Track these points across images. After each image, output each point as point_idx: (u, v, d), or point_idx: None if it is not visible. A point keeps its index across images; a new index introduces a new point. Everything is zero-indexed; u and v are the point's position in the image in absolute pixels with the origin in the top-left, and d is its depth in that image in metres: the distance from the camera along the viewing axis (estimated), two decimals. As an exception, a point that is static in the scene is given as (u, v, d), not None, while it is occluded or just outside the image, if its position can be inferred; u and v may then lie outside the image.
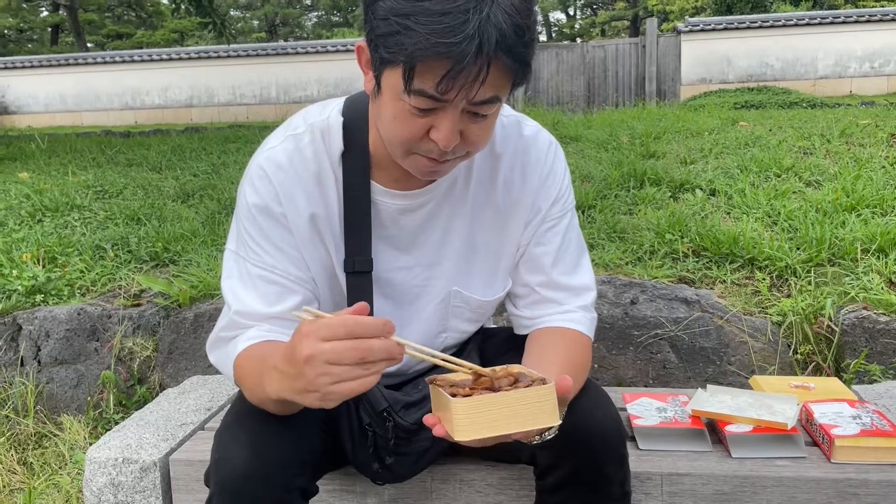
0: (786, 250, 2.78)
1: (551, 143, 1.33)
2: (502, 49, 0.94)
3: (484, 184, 1.29)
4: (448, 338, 1.39)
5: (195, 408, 1.81)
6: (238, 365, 1.16)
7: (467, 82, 0.96)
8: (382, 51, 0.98)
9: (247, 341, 1.16)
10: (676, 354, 2.41)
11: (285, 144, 1.22)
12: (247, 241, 1.21)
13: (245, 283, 1.20)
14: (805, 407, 1.61)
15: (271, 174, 1.20)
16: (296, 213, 1.20)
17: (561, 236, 1.32)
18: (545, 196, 1.30)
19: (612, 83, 15.11)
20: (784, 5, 18.72)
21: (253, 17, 35.85)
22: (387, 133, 1.09)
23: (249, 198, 1.20)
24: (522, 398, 0.92)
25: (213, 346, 1.25)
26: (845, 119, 5.65)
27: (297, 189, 1.20)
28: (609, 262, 2.85)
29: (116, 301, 2.89)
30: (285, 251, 1.20)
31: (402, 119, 1.04)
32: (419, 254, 1.29)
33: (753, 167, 4.02)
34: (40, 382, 2.78)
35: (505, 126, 1.29)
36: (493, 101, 1.02)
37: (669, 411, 1.63)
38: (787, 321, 2.45)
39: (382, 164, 1.22)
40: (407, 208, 1.25)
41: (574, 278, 1.32)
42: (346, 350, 0.87)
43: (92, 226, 3.77)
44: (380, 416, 1.26)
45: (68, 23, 25.69)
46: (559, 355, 1.23)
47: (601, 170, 4.21)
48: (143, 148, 6.66)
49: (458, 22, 0.91)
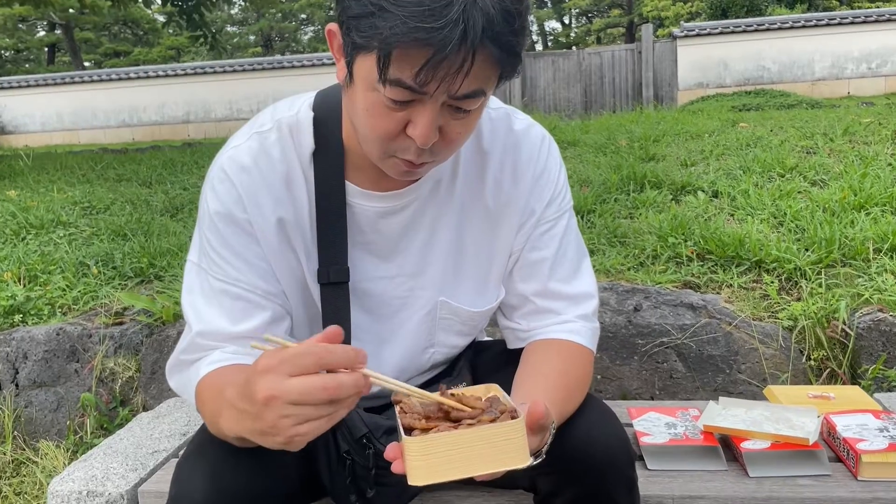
0: (794, 252, 2.66)
1: (544, 138, 1.21)
2: (489, 37, 0.83)
3: (471, 184, 1.17)
4: (436, 353, 1.26)
5: (169, 433, 1.69)
6: (199, 392, 1.04)
7: (449, 73, 0.85)
8: (355, 35, 0.87)
9: (209, 366, 1.04)
10: (684, 363, 2.29)
11: (250, 143, 1.10)
12: (209, 252, 1.08)
13: (208, 299, 1.08)
14: (826, 419, 1.49)
15: (234, 177, 1.07)
16: (262, 218, 1.08)
17: (558, 240, 1.20)
18: (539, 196, 1.18)
19: (609, 90, 15.05)
20: (779, 8, 18.69)
21: (249, 33, 35.91)
22: (361, 128, 0.98)
23: (211, 204, 1.08)
24: (486, 436, 0.80)
25: (174, 369, 1.12)
26: (847, 118, 5.55)
27: (263, 192, 1.08)
28: (610, 267, 2.73)
29: (98, 319, 2.77)
30: (251, 262, 1.08)
31: (376, 112, 0.93)
32: (401, 261, 1.17)
33: (756, 167, 3.91)
34: (18, 406, 2.65)
35: (493, 120, 1.18)
36: (477, 95, 0.91)
37: (679, 427, 1.51)
38: (798, 326, 2.33)
39: (358, 163, 1.10)
40: (387, 211, 1.13)
41: (573, 285, 1.20)
42: (315, 389, 0.76)
43: (77, 242, 3.66)
44: (359, 442, 1.13)
45: (65, 42, 25.74)
46: (555, 370, 1.11)
47: (600, 174, 4.10)
48: (133, 163, 6.57)
49: (441, 5, 0.80)
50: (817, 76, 13.95)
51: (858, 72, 13.91)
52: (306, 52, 32.90)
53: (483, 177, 1.17)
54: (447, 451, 0.79)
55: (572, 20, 38.96)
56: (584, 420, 1.08)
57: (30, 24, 28.90)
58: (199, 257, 1.11)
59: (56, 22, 23.54)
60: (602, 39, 34.14)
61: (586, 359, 1.18)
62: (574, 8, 36.18)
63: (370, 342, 1.19)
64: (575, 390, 1.11)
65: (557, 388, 1.07)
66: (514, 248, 1.20)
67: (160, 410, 1.90)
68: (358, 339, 1.17)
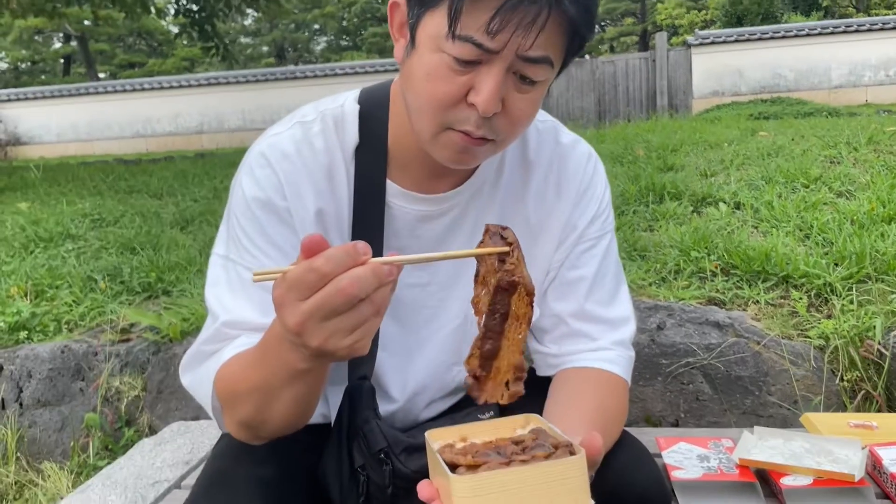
0: (823, 266, 2.55)
1: (591, 155, 1.15)
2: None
3: (514, 192, 1.11)
4: (461, 372, 1.17)
5: (172, 462, 1.61)
6: (220, 377, 0.94)
7: (522, 24, 0.81)
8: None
9: (235, 349, 0.95)
10: (710, 385, 2.19)
11: (293, 131, 1.03)
12: (241, 241, 1.00)
13: (235, 291, 0.99)
14: (871, 451, 1.38)
15: (275, 163, 1.01)
16: (302, 208, 1.01)
17: (598, 260, 1.12)
18: (582, 212, 1.12)
19: (623, 98, 14.94)
20: (795, 16, 18.56)
21: (262, 43, 36.11)
22: (417, 98, 0.92)
23: (248, 190, 1.01)
24: (543, 474, 0.70)
25: (191, 363, 1.01)
26: (870, 126, 5.42)
27: (305, 181, 1.01)
28: (631, 282, 2.63)
29: (104, 336, 2.71)
30: (287, 253, 1.00)
31: (439, 76, 0.87)
32: (436, 269, 1.10)
33: (779, 178, 3.80)
34: (22, 426, 2.59)
35: (540, 132, 1.12)
36: (545, 62, 0.87)
37: (713, 460, 1.41)
38: (830, 345, 2.23)
39: (403, 161, 1.05)
40: (427, 215, 1.06)
41: (610, 309, 1.12)
42: (332, 299, 0.70)
43: (85, 256, 3.61)
44: (376, 457, 1.03)
45: (80, 53, 25.96)
46: (591, 403, 1.03)
47: (618, 184, 4.01)
48: (145, 175, 6.54)
49: None
50: (834, 84, 13.78)
51: (876, 79, 13.73)
52: (319, 62, 33.04)
53: (526, 187, 1.11)
54: (500, 493, 0.70)
55: (585, 29, 38.89)
56: (619, 460, 0.99)
57: (45, 36, 29.19)
58: (226, 249, 1.02)
59: (71, 34, 23.76)
60: (616, 48, 34.06)
61: (622, 390, 1.10)
62: (587, 17, 36.10)
63: (397, 353, 1.12)
64: (612, 426, 1.03)
65: (594, 424, 0.97)
66: (552, 266, 1.13)
67: (163, 436, 1.82)
68: (385, 348, 1.10)
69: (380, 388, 1.11)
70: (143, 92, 16.93)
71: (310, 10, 32.29)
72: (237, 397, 0.92)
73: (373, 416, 1.03)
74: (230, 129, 16.50)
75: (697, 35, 14.56)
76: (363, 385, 1.06)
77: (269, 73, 16.95)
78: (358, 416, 1.03)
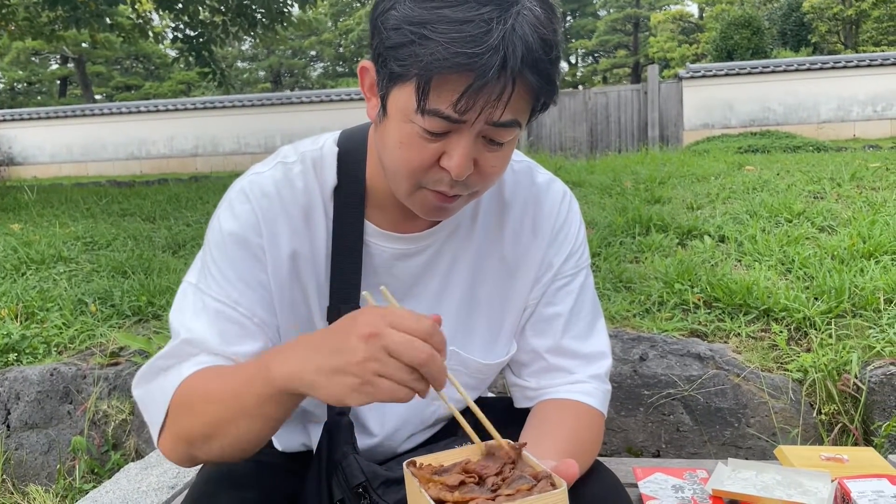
0: (803, 300, 2.61)
1: (565, 194, 1.19)
2: (528, 65, 0.84)
3: (490, 233, 1.14)
4: (441, 407, 1.21)
5: (157, 486, 1.63)
6: (180, 393, 0.94)
7: (490, 101, 0.84)
8: (393, 64, 0.86)
9: (195, 366, 0.96)
10: (691, 416, 2.22)
11: (273, 172, 1.06)
12: (211, 271, 1.03)
13: (199, 316, 1.01)
14: (840, 484, 1.42)
15: (254, 200, 1.04)
16: (276, 248, 1.04)
17: (574, 296, 1.16)
18: (557, 251, 1.15)
19: (615, 129, 15.13)
20: (784, 51, 18.87)
21: (259, 68, 36.40)
22: (392, 162, 0.95)
23: (225, 223, 1.04)
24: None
25: (144, 376, 1.02)
26: (854, 162, 5.53)
27: (282, 221, 1.04)
28: (615, 313, 2.68)
29: (93, 360, 2.73)
30: (255, 288, 1.03)
31: (411, 144, 0.91)
32: (413, 306, 1.12)
33: (763, 212, 3.87)
34: (9, 449, 2.60)
35: (516, 172, 1.16)
36: (512, 126, 0.90)
37: (687, 490, 1.44)
38: (808, 378, 2.27)
39: (380, 202, 1.08)
40: (404, 253, 1.10)
41: (587, 344, 1.16)
42: (413, 348, 0.76)
43: (77, 279, 3.63)
44: (354, 491, 1.06)
45: (77, 75, 26.12)
46: (565, 432, 1.06)
47: (605, 216, 4.07)
48: (139, 198, 6.58)
49: (481, 31, 0.81)
50: (823, 118, 13.99)
51: (864, 114, 13.95)
52: (315, 88, 33.29)
53: (502, 227, 1.14)
54: None
55: (578, 60, 39.43)
56: (592, 491, 1.02)
57: (42, 58, 29.34)
58: (197, 279, 1.05)
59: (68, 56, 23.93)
60: (608, 79, 34.49)
61: (597, 422, 1.13)
62: (580, 48, 36.64)
63: None
64: (584, 455, 1.06)
65: (568, 452, 1.01)
66: (528, 302, 1.16)
67: (149, 460, 1.84)
68: None
69: (359, 424, 1.14)
70: (138, 114, 17.03)
71: (307, 36, 32.61)
72: (192, 408, 0.93)
73: (351, 450, 1.06)
74: (225, 153, 16.59)
75: (689, 68, 14.79)
76: (341, 421, 1.08)
77: (265, 98, 17.09)
78: (336, 451, 1.05)
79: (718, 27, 19.14)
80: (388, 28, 0.86)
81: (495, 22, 0.81)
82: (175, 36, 9.31)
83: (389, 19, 0.85)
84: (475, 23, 0.81)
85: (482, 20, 0.81)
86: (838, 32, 23.01)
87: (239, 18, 9.26)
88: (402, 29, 0.84)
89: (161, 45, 13.94)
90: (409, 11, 0.83)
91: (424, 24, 0.82)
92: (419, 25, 0.82)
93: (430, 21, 0.82)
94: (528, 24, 0.83)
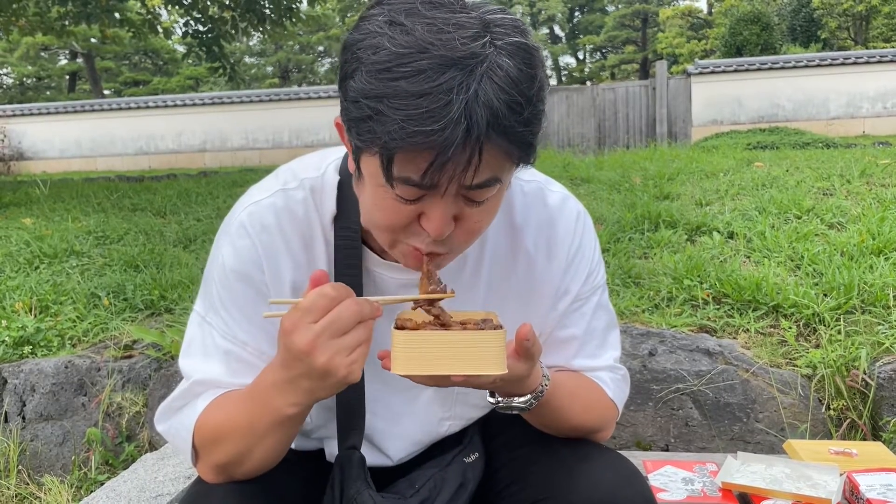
0: (812, 297, 2.62)
1: (580, 214, 1.15)
2: (495, 130, 0.78)
3: (501, 261, 1.11)
4: (452, 425, 1.21)
5: (174, 476, 1.66)
6: (203, 422, 1.00)
7: (457, 172, 0.80)
8: (355, 137, 0.83)
9: (206, 399, 1.02)
10: (700, 411, 2.24)
11: (274, 199, 1.05)
12: (217, 308, 1.05)
13: (208, 356, 1.04)
14: (849, 477, 1.44)
15: (255, 235, 1.03)
16: (279, 282, 1.04)
17: (588, 317, 1.15)
18: (574, 276, 1.13)
19: (623, 125, 15.08)
20: (793, 47, 18.77)
21: (267, 64, 36.43)
22: (369, 222, 0.94)
23: (227, 260, 1.04)
24: (468, 340, 0.85)
25: (165, 413, 1.08)
26: (864, 159, 5.51)
27: (283, 254, 1.05)
28: (625, 309, 2.69)
29: (107, 353, 2.76)
30: (259, 326, 1.03)
31: (386, 207, 0.87)
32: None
33: (772, 209, 3.88)
34: (24, 440, 2.63)
35: (526, 193, 1.12)
36: (491, 184, 0.85)
37: (697, 483, 1.46)
38: (817, 374, 2.29)
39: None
40: (410, 283, 1.05)
41: (597, 361, 1.16)
42: (343, 316, 0.84)
43: (89, 273, 3.67)
44: None
45: (86, 70, 26.21)
46: (573, 379, 1.12)
47: (614, 212, 4.08)
48: (149, 193, 6.61)
49: (440, 104, 0.75)
50: (832, 115, 13.92)
51: (874, 111, 13.87)
52: (323, 83, 33.33)
53: (515, 253, 1.11)
54: (430, 348, 0.85)
55: (587, 56, 39.32)
56: (607, 476, 1.03)
57: (52, 53, 29.45)
58: (205, 310, 1.07)
59: (78, 51, 24.02)
60: (616, 75, 34.39)
61: (605, 400, 1.16)
62: (588, 44, 36.54)
63: (384, 416, 1.15)
64: (588, 404, 1.11)
65: (570, 384, 1.09)
66: (545, 327, 1.14)
67: (165, 451, 1.87)
68: (372, 411, 1.13)
69: (375, 449, 1.16)
70: (147, 109, 17.07)
71: (315, 32, 32.62)
72: (217, 441, 0.99)
73: (364, 486, 1.06)
74: (233, 149, 16.62)
75: (697, 64, 14.74)
76: (353, 455, 1.08)
77: (272, 94, 17.10)
78: (350, 487, 1.06)
79: (727, 23, 19.05)
80: (348, 99, 0.82)
81: (455, 91, 0.75)
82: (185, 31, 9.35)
83: (349, 90, 0.81)
84: (433, 95, 0.75)
85: (441, 91, 0.75)
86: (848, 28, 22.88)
87: (248, 14, 9.29)
88: (360, 102, 0.79)
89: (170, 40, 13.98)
90: (366, 84, 0.78)
91: (381, 99, 0.77)
92: (376, 100, 0.77)
93: (386, 95, 0.77)
94: (496, 87, 0.77)
